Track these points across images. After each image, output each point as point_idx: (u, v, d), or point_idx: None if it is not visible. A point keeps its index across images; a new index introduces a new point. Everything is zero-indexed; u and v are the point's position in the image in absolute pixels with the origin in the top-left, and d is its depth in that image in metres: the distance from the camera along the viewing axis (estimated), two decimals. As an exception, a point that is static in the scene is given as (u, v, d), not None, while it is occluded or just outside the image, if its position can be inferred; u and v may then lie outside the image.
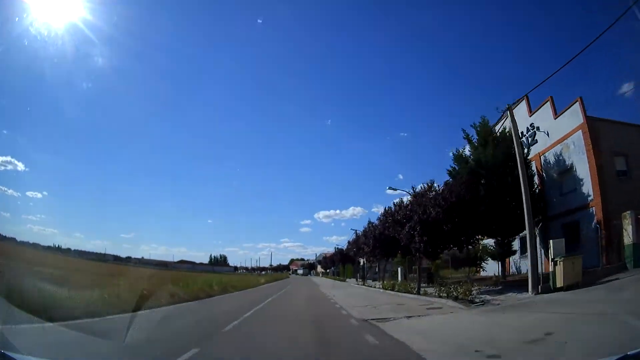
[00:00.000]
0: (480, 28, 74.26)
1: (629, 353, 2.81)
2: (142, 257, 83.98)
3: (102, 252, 74.21)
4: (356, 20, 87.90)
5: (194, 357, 5.56)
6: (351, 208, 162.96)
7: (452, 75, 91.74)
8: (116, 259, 70.17)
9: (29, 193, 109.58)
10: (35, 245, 42.57)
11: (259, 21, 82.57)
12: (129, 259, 76.58)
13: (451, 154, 21.21)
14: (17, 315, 6.77)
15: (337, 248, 56.69)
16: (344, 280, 50.82)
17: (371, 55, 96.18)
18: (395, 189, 25.35)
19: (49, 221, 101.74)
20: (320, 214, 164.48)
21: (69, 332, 7.08)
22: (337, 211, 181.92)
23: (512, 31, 70.16)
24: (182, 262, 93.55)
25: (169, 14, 78.99)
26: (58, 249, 55.85)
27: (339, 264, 60.38)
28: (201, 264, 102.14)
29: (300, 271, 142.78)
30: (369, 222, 30.84)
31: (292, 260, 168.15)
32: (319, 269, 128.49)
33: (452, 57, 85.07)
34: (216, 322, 9.71)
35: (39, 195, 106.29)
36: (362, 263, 52.69)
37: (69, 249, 61.69)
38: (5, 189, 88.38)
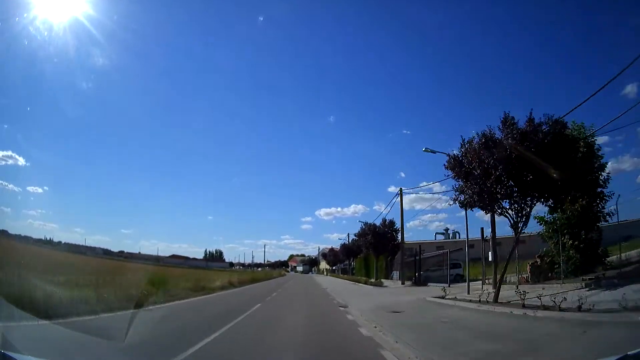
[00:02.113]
0: (482, 28, 73.85)
1: (629, 353, 2.67)
2: (139, 252, 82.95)
3: (97, 247, 72.21)
4: (358, 17, 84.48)
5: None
6: (352, 206, 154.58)
7: (455, 74, 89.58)
8: (106, 252, 68.64)
9: (29, 188, 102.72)
10: (26, 239, 39.92)
11: (260, 19, 77.53)
12: (121, 252, 76.62)
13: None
14: (17, 314, 6.66)
15: (365, 225, 32.74)
16: (381, 285, 27.76)
17: (374, 52, 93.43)
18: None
19: (49, 216, 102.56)
20: (322, 211, 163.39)
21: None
22: (338, 209, 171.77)
23: (512, 30, 70.30)
24: (174, 256, 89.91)
25: (169, 12, 75.59)
26: (49, 242, 54.31)
27: (366, 251, 35.59)
28: (194, 259, 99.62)
29: (299, 268, 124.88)
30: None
31: (291, 256, 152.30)
32: (323, 265, 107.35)
33: (454, 56, 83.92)
34: None
35: (40, 190, 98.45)
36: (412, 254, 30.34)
37: (59, 242, 60.23)
38: (6, 183, 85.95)
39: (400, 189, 29.14)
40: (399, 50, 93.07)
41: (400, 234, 29.58)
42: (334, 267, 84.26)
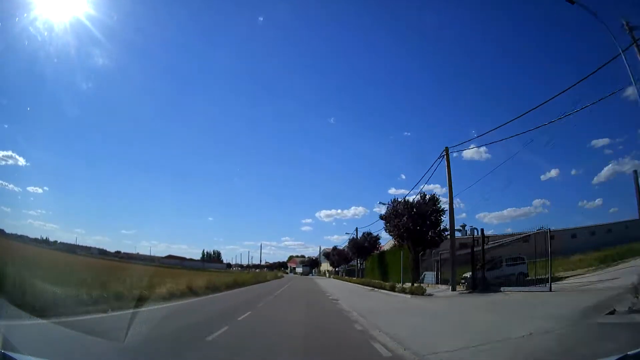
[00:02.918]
0: (483, 28, 72.96)
1: (629, 353, 2.63)
2: (138, 253, 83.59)
3: (92, 246, 73.35)
4: (360, 18, 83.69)
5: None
6: (352, 208, 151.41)
7: (456, 76, 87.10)
8: (102, 252, 69.41)
9: (29, 188, 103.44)
10: (22, 238, 39.76)
11: (260, 19, 79.63)
12: (118, 253, 77.47)
13: None
14: (17, 314, 6.65)
15: (395, 202, 21.83)
16: (422, 292, 17.25)
17: (375, 53, 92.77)
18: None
19: (49, 216, 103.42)
20: (322, 213, 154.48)
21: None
22: (339, 210, 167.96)
23: (513, 31, 68.84)
24: (169, 257, 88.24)
25: (170, 12, 76.11)
26: (44, 242, 55.42)
27: (398, 242, 24.38)
28: (191, 259, 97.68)
29: (299, 269, 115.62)
30: None
31: (290, 257, 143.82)
32: (325, 266, 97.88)
33: (455, 58, 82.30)
34: None
35: (40, 191, 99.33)
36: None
37: (55, 242, 61.34)
38: (6, 183, 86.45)
39: (446, 148, 19.35)
40: (400, 51, 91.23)
41: (448, 214, 19.53)
42: (337, 269, 74.89)
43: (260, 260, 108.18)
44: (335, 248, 71.31)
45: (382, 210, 25.78)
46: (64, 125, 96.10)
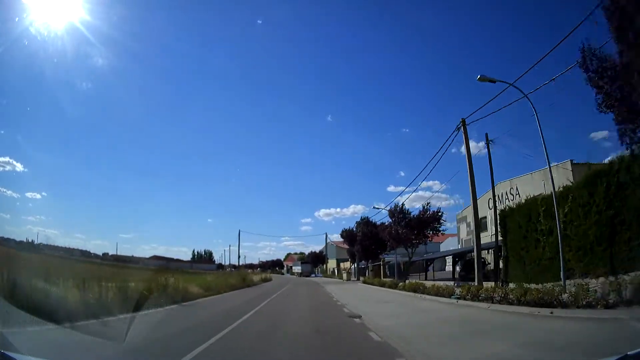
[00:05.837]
0: (482, 28, 73.66)
1: (628, 353, 2.51)
2: (132, 255, 79.62)
3: (75, 248, 66.48)
4: (357, 17, 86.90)
5: None
6: (352, 206, 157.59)
7: (454, 73, 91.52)
8: (84, 254, 64.54)
9: (28, 194, 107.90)
10: (7, 240, 36.75)
11: (259, 22, 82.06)
12: (105, 255, 75.29)
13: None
14: (17, 315, 6.62)
15: None
16: None
17: (372, 51, 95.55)
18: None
19: (49, 222, 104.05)
20: (321, 212, 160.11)
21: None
22: (338, 209, 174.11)
23: (512, 30, 65.81)
24: (154, 257, 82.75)
25: (168, 14, 77.58)
26: (30, 244, 51.75)
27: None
28: (179, 260, 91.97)
29: (297, 268, 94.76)
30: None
31: (288, 255, 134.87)
32: (332, 263, 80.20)
33: (453, 55, 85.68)
34: None
35: (38, 196, 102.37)
36: None
37: (39, 244, 55.98)
38: (4, 190, 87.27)
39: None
40: (398, 48, 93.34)
41: None
42: (363, 264, 50.56)
43: (239, 256, 78.86)
44: (372, 225, 41.51)
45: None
46: (62, 131, 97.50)
